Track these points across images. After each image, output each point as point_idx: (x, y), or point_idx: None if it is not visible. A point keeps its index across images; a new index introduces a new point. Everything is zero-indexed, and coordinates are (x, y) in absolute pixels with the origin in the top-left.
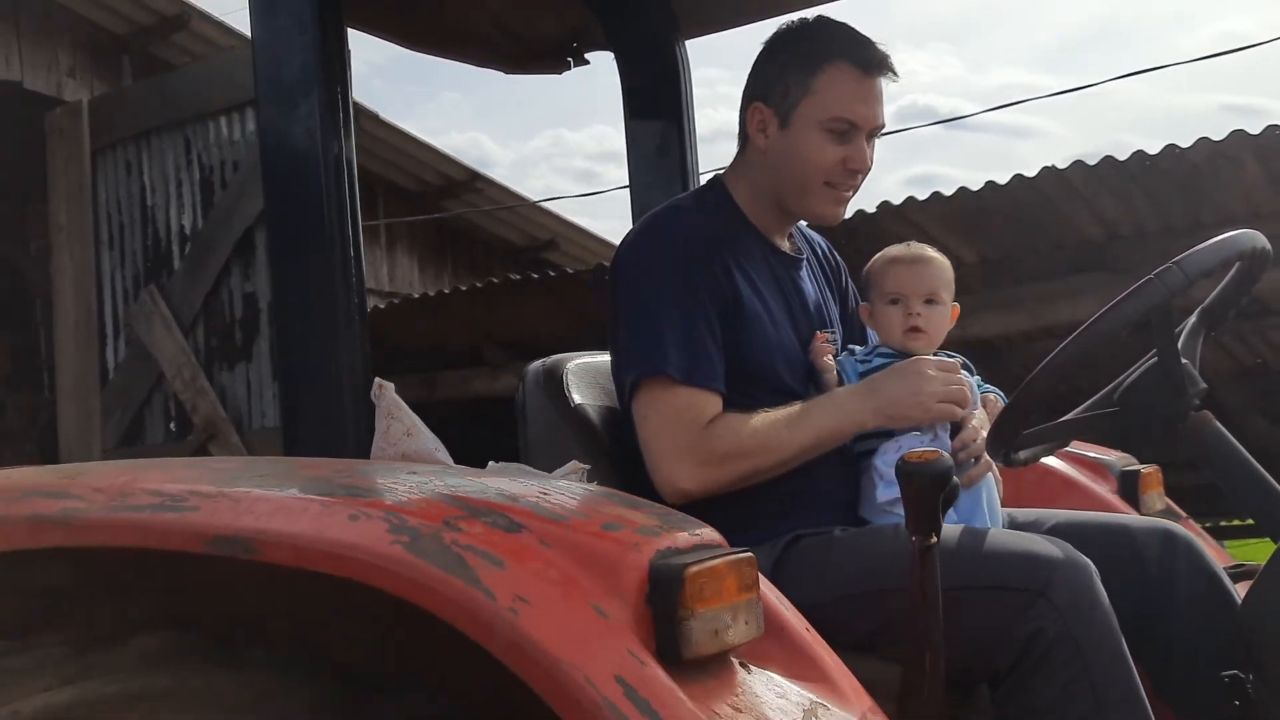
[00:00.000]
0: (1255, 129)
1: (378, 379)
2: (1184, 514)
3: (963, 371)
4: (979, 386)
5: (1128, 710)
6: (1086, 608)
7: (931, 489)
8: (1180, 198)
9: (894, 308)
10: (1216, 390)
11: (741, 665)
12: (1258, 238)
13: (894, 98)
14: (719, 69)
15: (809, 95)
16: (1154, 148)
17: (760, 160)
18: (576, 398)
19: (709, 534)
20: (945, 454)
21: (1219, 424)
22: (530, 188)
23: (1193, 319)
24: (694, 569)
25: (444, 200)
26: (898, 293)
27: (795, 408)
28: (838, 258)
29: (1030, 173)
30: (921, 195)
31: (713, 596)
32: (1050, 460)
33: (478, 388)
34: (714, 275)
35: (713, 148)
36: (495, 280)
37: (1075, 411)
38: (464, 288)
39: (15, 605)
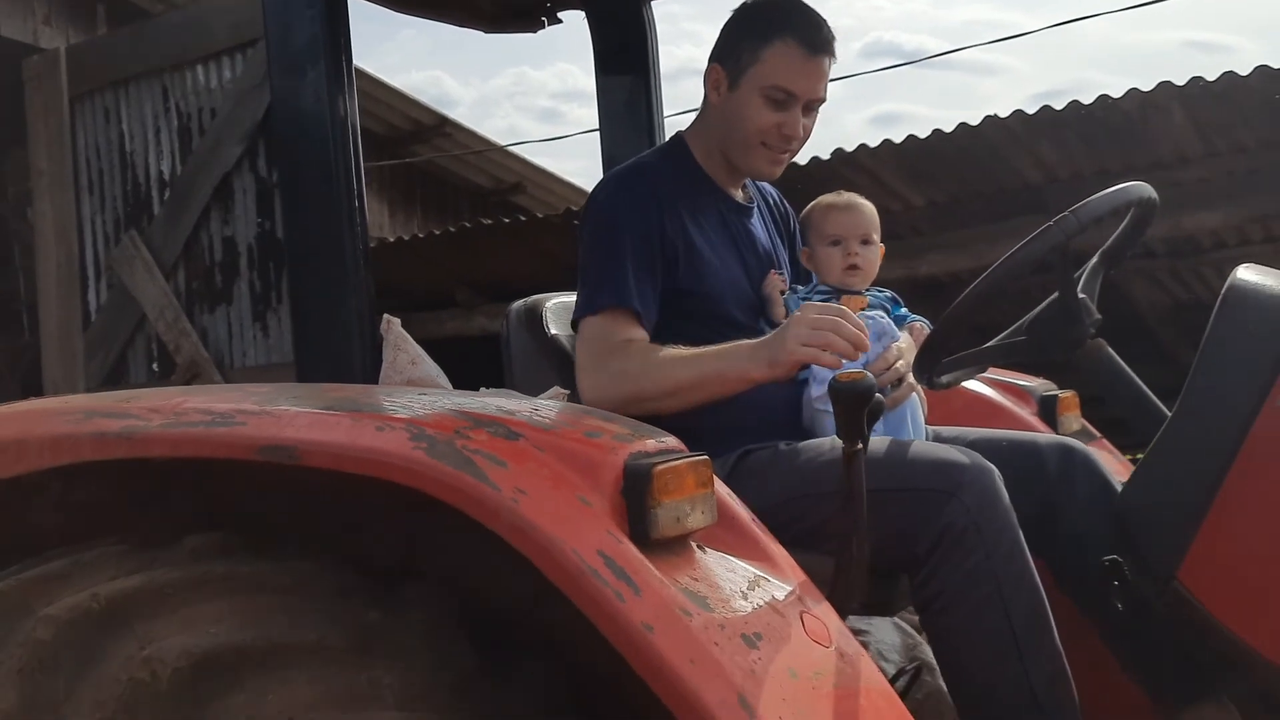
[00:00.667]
0: (1212, 68)
1: (385, 315)
2: (1098, 435)
3: (879, 311)
4: (906, 317)
5: (1022, 591)
6: (990, 506)
7: (857, 404)
8: (1114, 144)
9: (834, 249)
10: (1152, 325)
11: (698, 547)
12: (1146, 188)
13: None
14: (681, 5)
15: (757, 63)
16: (1118, 85)
17: (714, 116)
18: (554, 331)
19: (672, 441)
20: (870, 375)
21: (1110, 350)
22: (493, 128)
23: (1094, 260)
24: (660, 468)
25: (413, 145)
26: (837, 235)
27: (699, 349)
28: (787, 206)
29: (988, 115)
30: (887, 134)
31: (675, 490)
32: (979, 386)
33: (451, 328)
34: (662, 224)
35: (676, 85)
36: (467, 224)
37: (992, 341)
38: (437, 232)
39: (75, 514)
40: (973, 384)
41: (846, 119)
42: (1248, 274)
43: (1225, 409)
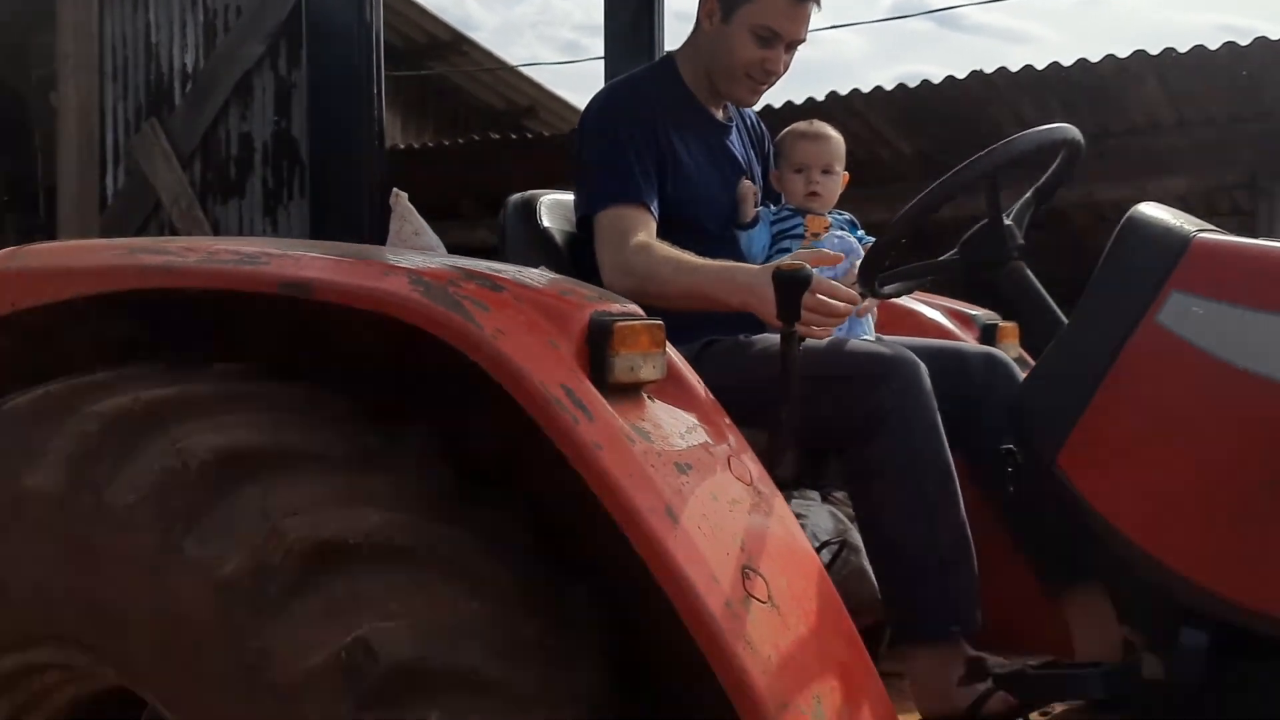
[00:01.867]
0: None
1: (395, 189)
2: (1033, 363)
3: (844, 230)
4: (863, 239)
5: (935, 468)
6: (913, 393)
7: (796, 289)
8: (1090, 106)
9: (798, 176)
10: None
11: (648, 397)
12: (1073, 131)
13: None
14: None
15: (749, 2)
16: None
17: (704, 42)
18: (546, 224)
19: (633, 307)
20: (808, 266)
21: (1029, 272)
22: (514, 55)
23: (1028, 194)
24: (620, 324)
25: (428, 59)
26: (801, 163)
27: (700, 260)
28: (763, 128)
29: (974, 70)
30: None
31: (632, 345)
32: (930, 311)
33: (453, 238)
34: (655, 134)
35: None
36: (476, 138)
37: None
38: (446, 143)
39: (108, 344)
40: (925, 309)
41: (871, 75)
42: (1146, 208)
43: (1111, 321)
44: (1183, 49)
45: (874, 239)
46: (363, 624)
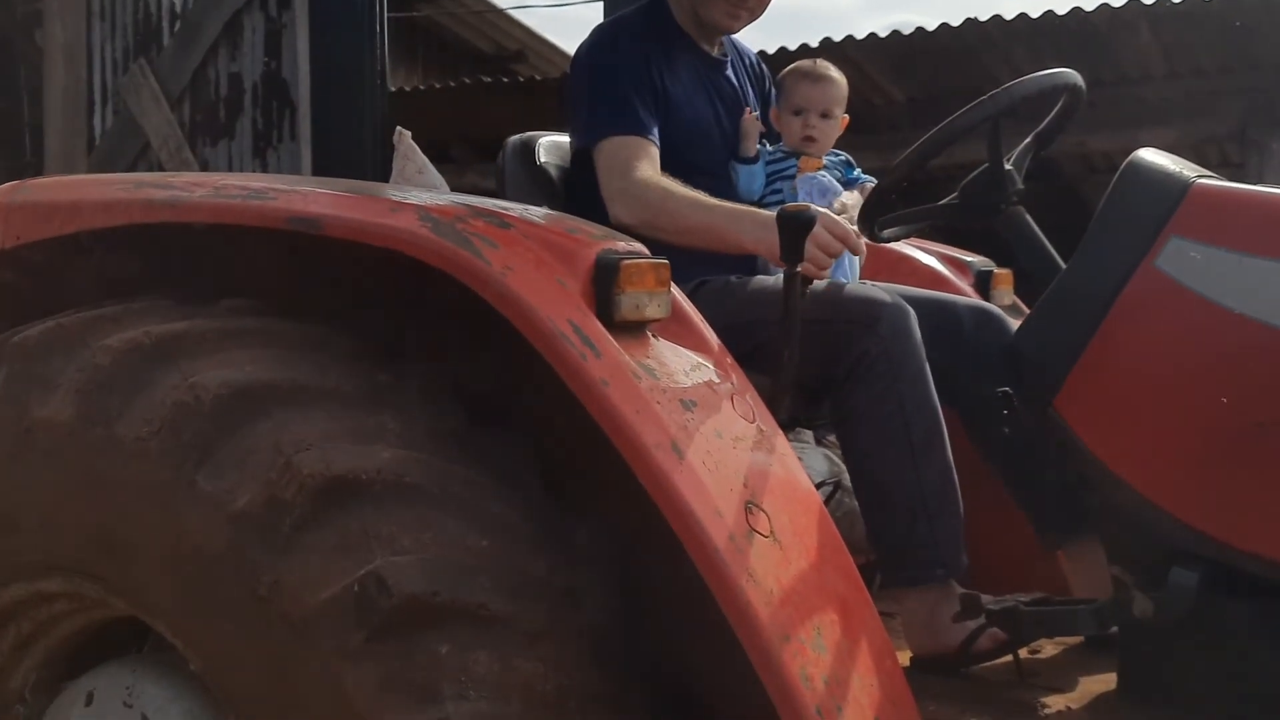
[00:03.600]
0: None
1: (398, 127)
2: (1029, 310)
3: (823, 172)
4: (859, 179)
5: (922, 412)
6: (901, 338)
7: (800, 231)
8: (1083, 55)
9: (795, 118)
10: None
11: (653, 335)
12: (1074, 76)
13: None
14: None
15: None
16: None
17: None
18: (546, 167)
19: (639, 246)
20: (813, 207)
21: (1028, 216)
22: None
23: (1028, 139)
24: (626, 262)
25: (417, 2)
26: (800, 105)
27: (714, 200)
28: (764, 67)
29: (969, 17)
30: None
31: (638, 283)
32: (925, 257)
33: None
34: (649, 69)
35: None
36: (467, 81)
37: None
38: (437, 85)
39: (112, 280)
40: (920, 255)
41: (863, 24)
42: (1146, 154)
43: (1109, 265)
44: None
45: (870, 178)
46: (375, 558)
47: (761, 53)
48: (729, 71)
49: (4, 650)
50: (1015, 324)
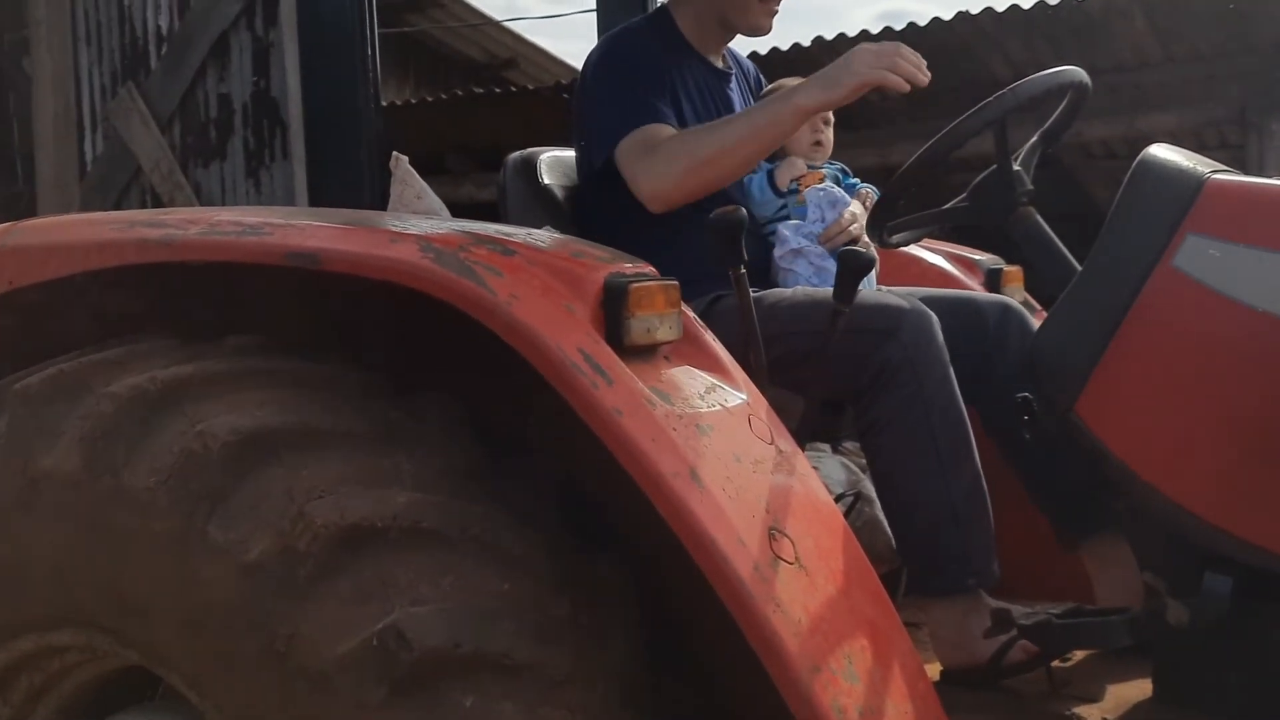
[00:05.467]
0: None
1: (395, 153)
2: (1039, 307)
3: (830, 182)
4: (856, 185)
5: (948, 419)
6: (924, 344)
7: (859, 271)
8: (1077, 45)
9: (803, 125)
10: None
11: (665, 357)
12: (1079, 73)
13: None
14: None
15: None
16: None
17: None
18: (549, 184)
19: (647, 267)
20: (873, 251)
21: (1039, 217)
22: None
23: (1034, 138)
24: (635, 285)
25: (407, 14)
26: None
27: (726, 117)
28: (762, 80)
29: (960, 11)
30: (897, 27)
31: (647, 306)
32: (933, 257)
33: (440, 195)
34: (664, 76)
35: None
36: (460, 93)
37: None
38: (430, 99)
39: (109, 321)
40: (928, 255)
41: (854, 14)
42: (1158, 150)
43: (1126, 265)
44: None
45: (866, 185)
46: (394, 609)
47: (754, 54)
48: (734, 84)
49: (16, 701)
50: (1024, 310)
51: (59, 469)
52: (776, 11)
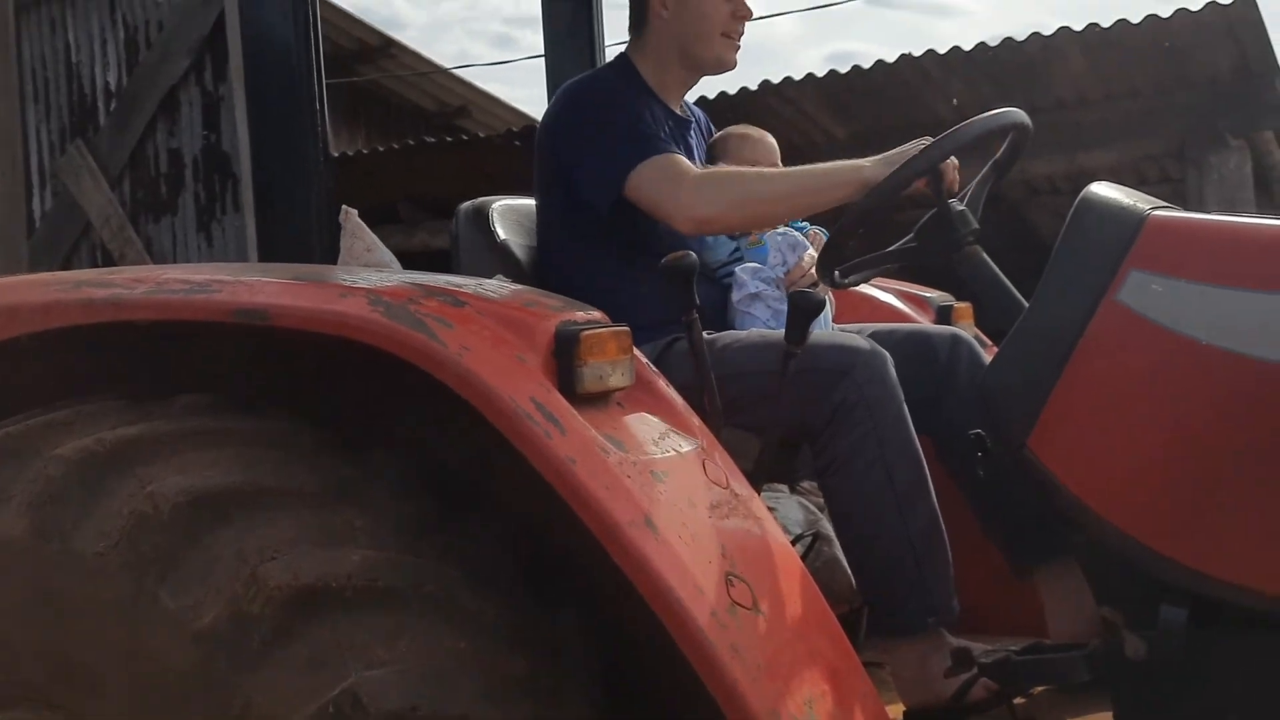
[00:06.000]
0: (1165, 11)
1: (345, 206)
2: (990, 343)
3: (785, 226)
4: (805, 228)
5: (904, 457)
6: (878, 384)
7: (810, 313)
8: (1018, 84)
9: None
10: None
11: (618, 404)
12: (1020, 115)
13: None
14: None
15: None
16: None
17: (663, 30)
18: (501, 233)
19: (598, 314)
20: (824, 294)
21: (985, 255)
22: (443, 52)
23: (979, 177)
24: (587, 333)
25: (357, 64)
26: (754, 160)
27: (804, 171)
28: (712, 128)
29: (903, 53)
30: (842, 70)
31: (599, 353)
32: (885, 296)
33: (393, 244)
34: (645, 115)
35: (621, 11)
36: (411, 142)
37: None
38: (381, 149)
39: (58, 381)
40: (880, 294)
41: (803, 55)
42: (1099, 188)
43: (1072, 301)
44: (1106, 24)
45: (815, 227)
46: (350, 673)
47: (702, 98)
48: (692, 131)
49: None
50: (974, 341)
51: (5, 535)
52: (739, 46)
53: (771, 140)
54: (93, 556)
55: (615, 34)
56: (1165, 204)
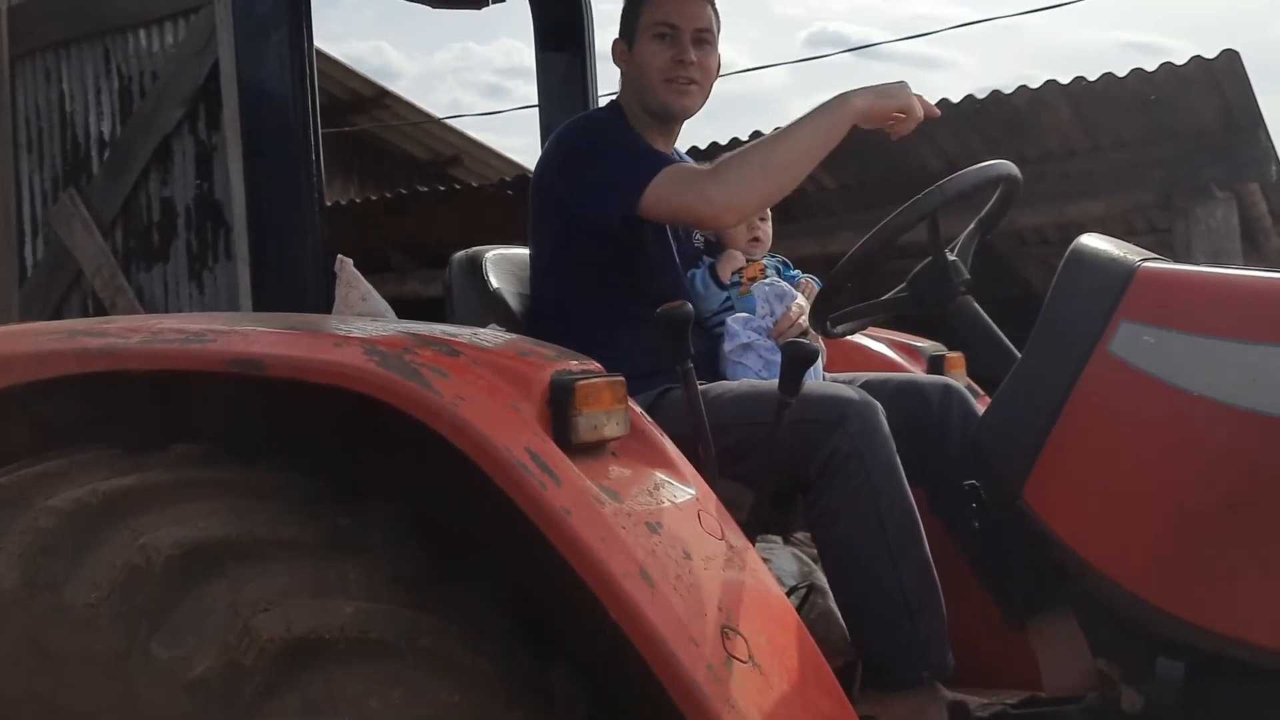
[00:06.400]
0: (1150, 65)
1: (340, 255)
2: (982, 393)
3: (774, 275)
4: (797, 277)
5: (897, 509)
6: (871, 435)
7: (804, 363)
8: (1007, 136)
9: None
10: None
11: (612, 454)
12: (1009, 167)
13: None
14: None
15: (642, 13)
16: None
17: (626, 84)
18: (494, 282)
19: (593, 364)
20: (819, 343)
21: (977, 306)
22: (435, 102)
23: (970, 228)
24: (582, 383)
25: (351, 115)
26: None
27: (792, 127)
28: None
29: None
30: None
31: (594, 403)
32: (877, 345)
33: (384, 292)
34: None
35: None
36: (404, 191)
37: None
38: (374, 198)
39: (50, 430)
40: (872, 343)
41: (793, 105)
42: (1089, 240)
43: (1064, 352)
44: (1092, 76)
45: (807, 276)
46: None
47: (693, 148)
48: None
49: None
50: (965, 391)
51: None
52: (689, 90)
53: None
54: (84, 607)
55: (607, 85)
56: (1155, 255)
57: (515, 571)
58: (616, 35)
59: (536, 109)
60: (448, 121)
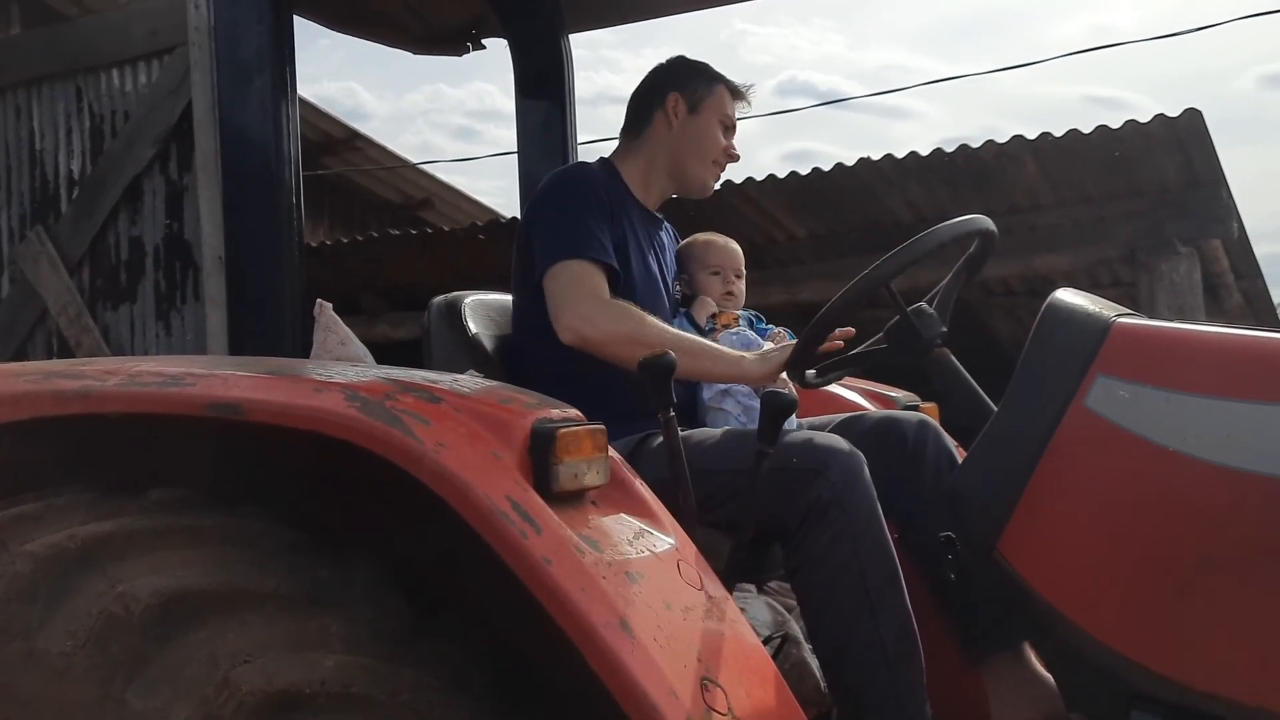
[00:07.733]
0: (1113, 120)
1: (319, 300)
2: (955, 443)
3: (743, 326)
4: (768, 329)
5: (877, 558)
6: (852, 483)
7: (782, 414)
8: (973, 189)
9: (715, 277)
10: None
11: (592, 502)
12: (985, 221)
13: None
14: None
15: (712, 96)
16: (1027, 134)
17: (664, 138)
18: (473, 328)
19: (574, 412)
20: (793, 392)
21: (953, 358)
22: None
23: (946, 280)
24: (563, 431)
25: (322, 156)
26: (717, 265)
27: (699, 341)
28: (676, 235)
29: (862, 157)
30: (801, 170)
31: (575, 451)
32: (853, 395)
33: (356, 334)
34: (611, 212)
35: (595, 110)
36: (375, 235)
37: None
38: (345, 240)
39: (24, 472)
40: (846, 392)
41: (761, 154)
42: (1064, 295)
43: (1040, 406)
44: (1058, 131)
45: (780, 329)
46: None
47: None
48: (664, 229)
49: None
50: (940, 429)
51: None
52: (719, 177)
53: (735, 246)
54: (59, 656)
55: (586, 132)
56: (1128, 311)
57: (494, 622)
58: (668, 87)
59: (508, 154)
60: (420, 166)
